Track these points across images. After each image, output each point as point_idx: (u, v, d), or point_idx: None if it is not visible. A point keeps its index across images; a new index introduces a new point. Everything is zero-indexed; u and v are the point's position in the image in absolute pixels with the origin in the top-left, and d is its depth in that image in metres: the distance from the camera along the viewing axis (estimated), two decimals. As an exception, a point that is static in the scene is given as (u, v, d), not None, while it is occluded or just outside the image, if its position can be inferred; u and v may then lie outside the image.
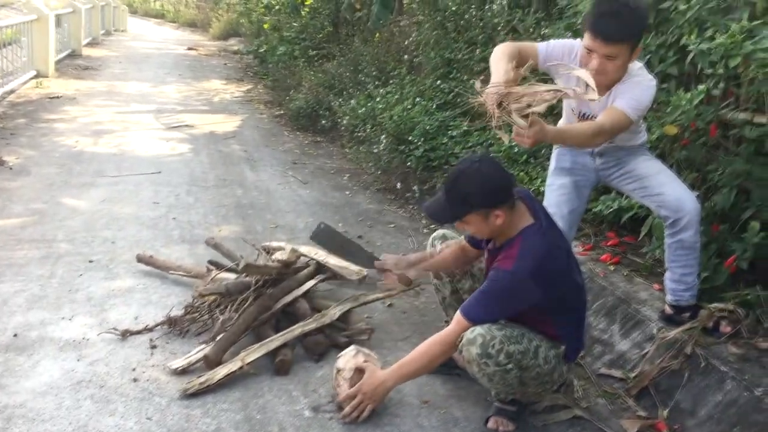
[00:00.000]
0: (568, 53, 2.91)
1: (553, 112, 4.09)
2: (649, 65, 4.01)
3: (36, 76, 10.14)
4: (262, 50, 12.77)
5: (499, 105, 2.41)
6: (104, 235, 4.43)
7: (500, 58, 2.76)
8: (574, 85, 2.76)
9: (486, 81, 2.66)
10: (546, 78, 3.24)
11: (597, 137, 2.80)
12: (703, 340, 2.95)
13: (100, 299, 3.53)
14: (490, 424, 2.67)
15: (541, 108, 2.40)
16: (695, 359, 2.88)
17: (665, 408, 2.82)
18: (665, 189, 2.95)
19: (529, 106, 2.40)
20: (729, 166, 3.40)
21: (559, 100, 2.87)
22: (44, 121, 7.71)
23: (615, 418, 2.85)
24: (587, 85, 2.55)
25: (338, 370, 2.76)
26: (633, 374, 3.03)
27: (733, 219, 3.46)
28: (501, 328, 2.50)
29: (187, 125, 8.27)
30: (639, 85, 2.81)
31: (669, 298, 3.13)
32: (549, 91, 2.43)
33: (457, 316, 2.56)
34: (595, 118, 2.93)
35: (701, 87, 3.36)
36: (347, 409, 2.64)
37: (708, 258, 3.34)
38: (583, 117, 3.06)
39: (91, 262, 3.99)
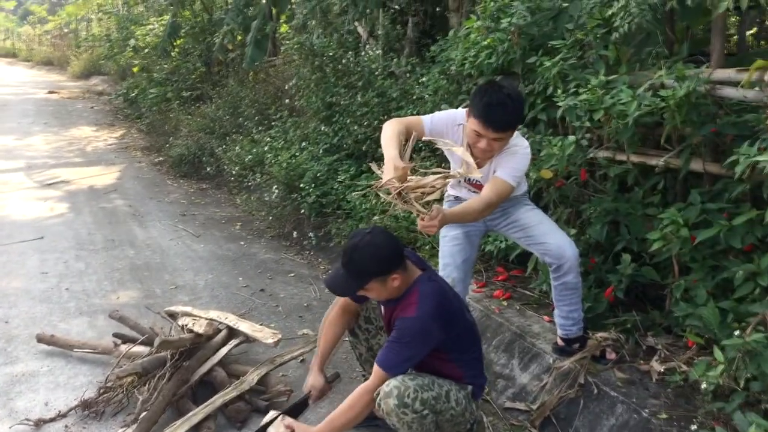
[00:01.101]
0: (451, 125, 3.17)
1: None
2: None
3: None
4: (132, 94, 12.48)
5: (399, 195, 2.69)
6: (-5, 315, 4.27)
7: (390, 139, 2.99)
8: (458, 156, 3.09)
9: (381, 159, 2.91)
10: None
11: (486, 211, 3.12)
12: (594, 368, 3.27)
13: (4, 387, 3.42)
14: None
15: (435, 196, 2.72)
16: (588, 386, 3.19)
17: (567, 435, 3.11)
18: (548, 239, 3.27)
19: (423, 194, 2.71)
20: (599, 204, 3.78)
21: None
22: None
23: (524, 449, 3.11)
24: (468, 164, 2.89)
25: None
26: (535, 406, 3.31)
27: (607, 250, 3.85)
28: (413, 378, 2.72)
29: (62, 181, 8.00)
30: (516, 155, 3.11)
31: (559, 332, 3.45)
32: (438, 179, 2.73)
33: (375, 368, 2.75)
34: (480, 183, 3.24)
35: (571, 138, 3.73)
36: None
37: (589, 288, 3.71)
38: (468, 182, 3.35)
39: (-14, 346, 3.85)
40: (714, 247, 3.19)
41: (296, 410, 3.03)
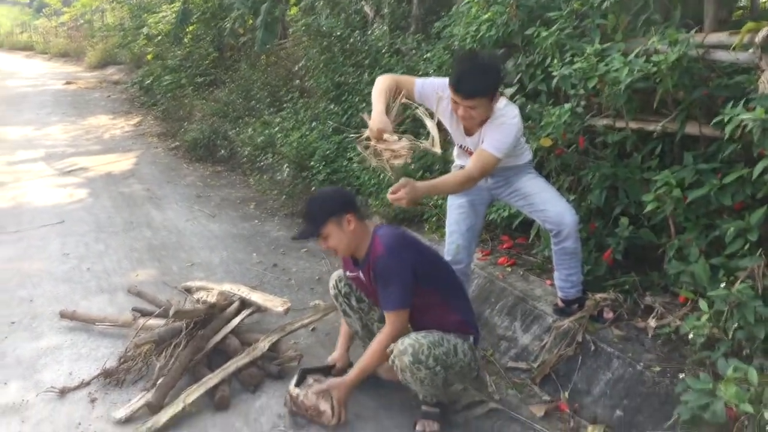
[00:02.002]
0: (441, 94, 3.28)
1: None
2: (521, 82, 4.49)
3: None
4: (147, 81, 12.64)
5: (375, 152, 2.99)
6: (20, 295, 4.45)
7: (380, 94, 3.21)
8: (455, 121, 3.30)
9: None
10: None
11: (467, 184, 3.25)
12: (591, 327, 3.38)
13: (30, 360, 3.60)
14: (418, 427, 2.99)
15: (400, 161, 2.99)
16: (586, 344, 3.31)
17: (566, 390, 3.23)
18: (548, 206, 3.37)
19: (393, 156, 2.97)
20: (598, 170, 3.87)
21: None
22: (-72, 179, 7.47)
23: (524, 405, 3.24)
24: (432, 138, 3.09)
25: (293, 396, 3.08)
26: (536, 364, 3.44)
27: (607, 215, 3.95)
28: (425, 335, 2.91)
29: (81, 168, 8.19)
30: (502, 126, 3.19)
31: (559, 294, 3.56)
32: (404, 146, 3.00)
33: (386, 315, 2.97)
34: (469, 149, 3.38)
35: (567, 106, 3.81)
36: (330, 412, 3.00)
37: (589, 252, 3.81)
38: (461, 148, 3.47)
39: (12, 323, 4.03)
40: (707, 207, 3.28)
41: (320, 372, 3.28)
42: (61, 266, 4.99)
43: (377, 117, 3.10)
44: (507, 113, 3.23)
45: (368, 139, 3.10)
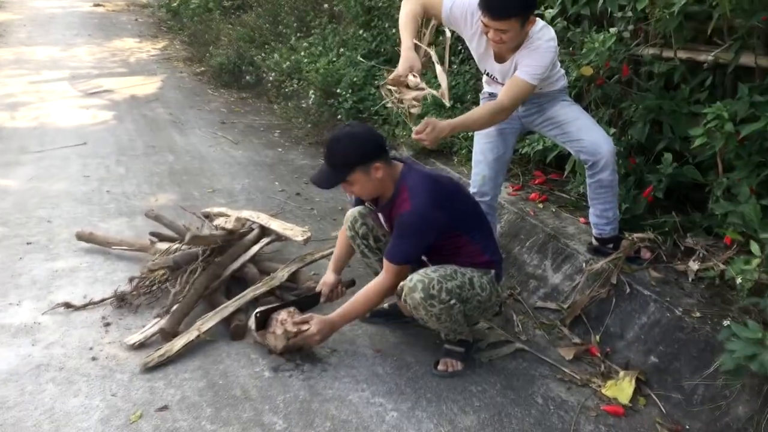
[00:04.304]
0: (470, 15, 3.02)
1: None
2: (562, 5, 4.17)
3: (-65, 48, 9.60)
4: (174, 4, 12.36)
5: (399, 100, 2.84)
6: (39, 215, 4.37)
7: (406, 23, 2.97)
8: (485, 44, 3.05)
9: None
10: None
11: (498, 116, 3.04)
12: (627, 268, 3.20)
13: (45, 281, 3.53)
14: (440, 366, 2.86)
15: (416, 110, 2.82)
16: (621, 286, 3.13)
17: (597, 333, 3.07)
18: (583, 135, 3.14)
19: (411, 104, 2.81)
20: (642, 102, 3.61)
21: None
22: (-47, 97, 7.39)
23: (552, 347, 3.09)
24: (441, 87, 2.87)
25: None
26: (566, 305, 3.27)
27: (649, 151, 3.70)
28: (435, 270, 2.73)
29: (105, 90, 8.04)
30: (537, 51, 2.94)
31: (594, 231, 3.36)
32: (416, 95, 2.82)
33: (385, 263, 2.77)
34: (497, 78, 3.17)
35: (612, 30, 3.53)
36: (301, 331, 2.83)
37: (627, 190, 3.59)
38: (489, 76, 3.24)
39: (29, 244, 3.96)
40: (762, 144, 3.03)
41: (305, 304, 3.07)
42: (81, 187, 4.90)
43: (404, 54, 2.88)
44: (543, 35, 2.97)
45: (391, 84, 2.90)
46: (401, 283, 2.76)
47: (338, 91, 5.83)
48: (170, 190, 4.92)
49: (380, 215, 2.95)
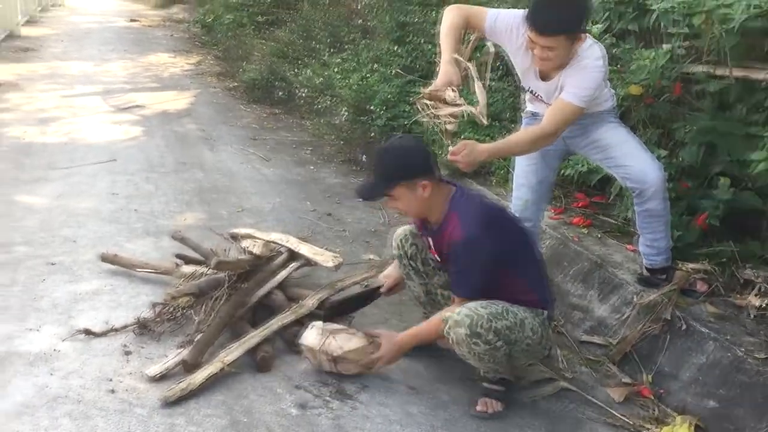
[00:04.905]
0: (515, 29, 2.85)
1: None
2: (608, 21, 3.97)
3: (-27, 64, 9.68)
4: (209, 20, 12.38)
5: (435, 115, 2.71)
6: (64, 234, 4.27)
7: (447, 34, 2.83)
8: (530, 60, 2.87)
9: None
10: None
11: (540, 142, 2.88)
12: (682, 302, 2.97)
13: (66, 305, 3.40)
14: (479, 406, 2.66)
15: (451, 127, 2.70)
16: (675, 322, 2.91)
17: (649, 373, 2.85)
18: (629, 161, 2.94)
19: (445, 121, 2.68)
20: (694, 123, 3.39)
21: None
22: (-14, 112, 7.38)
23: (600, 386, 2.87)
24: (480, 105, 2.73)
25: (310, 348, 2.82)
26: (614, 340, 3.06)
27: (701, 175, 3.47)
28: (485, 306, 2.53)
29: (137, 105, 7.99)
30: (584, 71, 2.77)
31: (644, 261, 3.15)
32: (451, 113, 2.68)
33: (455, 297, 2.65)
34: (540, 96, 2.99)
35: (666, 47, 3.33)
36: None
37: (679, 215, 3.36)
38: (533, 94, 3.06)
39: (53, 264, 3.84)
40: (830, 170, 2.80)
41: (365, 299, 3.07)
42: (108, 206, 4.80)
43: (443, 68, 2.74)
44: (591, 54, 2.79)
45: (428, 99, 2.75)
46: (446, 314, 2.58)
47: (371, 107, 5.68)
48: (199, 209, 4.80)
49: (430, 241, 2.79)
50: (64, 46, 12.45)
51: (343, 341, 2.76)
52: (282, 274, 3.35)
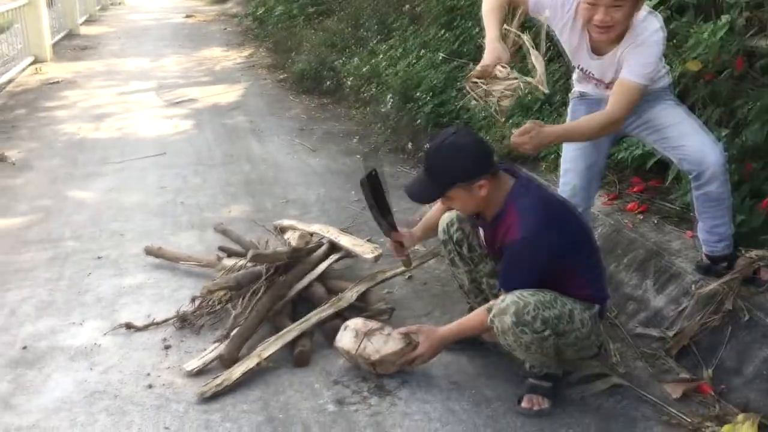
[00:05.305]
0: (561, 4, 2.68)
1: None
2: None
3: (33, 62, 9.92)
4: (260, 12, 12.43)
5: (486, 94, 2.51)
6: (112, 228, 4.31)
7: (490, 12, 2.69)
8: (578, 37, 2.72)
9: None
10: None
11: (609, 128, 2.71)
12: (744, 291, 2.76)
13: (110, 299, 3.41)
14: (524, 403, 2.53)
15: (507, 103, 2.50)
16: (737, 313, 2.70)
17: (709, 367, 2.66)
18: (686, 141, 2.74)
19: (500, 98, 2.48)
20: (758, 100, 3.16)
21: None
22: (44, 109, 7.54)
23: (656, 381, 2.70)
24: (539, 74, 2.52)
25: (346, 351, 2.72)
26: (672, 333, 2.86)
27: (767, 155, 3.24)
28: (533, 293, 2.39)
29: (189, 99, 8.07)
30: (643, 45, 2.59)
31: (703, 248, 2.95)
32: (509, 86, 2.49)
33: (504, 291, 2.47)
34: (592, 73, 2.82)
35: (724, 18, 3.10)
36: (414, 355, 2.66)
37: (742, 199, 3.15)
38: (584, 72, 2.88)
39: (99, 258, 3.88)
40: None
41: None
42: (156, 199, 4.83)
43: (490, 45, 2.58)
44: (648, 26, 2.60)
45: (478, 77, 2.57)
46: (491, 302, 2.47)
47: (417, 95, 5.55)
48: (244, 201, 4.77)
49: (481, 232, 2.67)
50: (121, 43, 12.71)
51: (380, 344, 2.65)
52: (322, 266, 3.28)
